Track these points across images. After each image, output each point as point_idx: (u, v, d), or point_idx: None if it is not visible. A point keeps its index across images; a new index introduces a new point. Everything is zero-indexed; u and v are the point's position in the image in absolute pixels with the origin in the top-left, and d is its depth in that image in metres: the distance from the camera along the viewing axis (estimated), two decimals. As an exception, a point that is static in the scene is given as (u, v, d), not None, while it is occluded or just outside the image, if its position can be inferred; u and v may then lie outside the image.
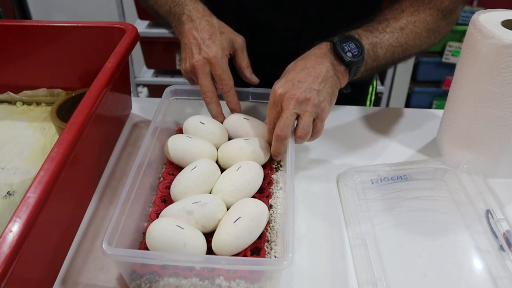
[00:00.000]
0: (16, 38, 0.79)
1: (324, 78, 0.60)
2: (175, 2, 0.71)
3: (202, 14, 0.68)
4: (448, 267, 0.56)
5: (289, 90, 0.59)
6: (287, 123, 0.59)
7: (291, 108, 0.58)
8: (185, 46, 0.67)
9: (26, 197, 0.46)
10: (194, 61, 0.65)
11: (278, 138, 0.60)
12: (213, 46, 0.65)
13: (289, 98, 0.59)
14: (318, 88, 0.59)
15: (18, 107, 0.83)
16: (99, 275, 0.55)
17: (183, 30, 0.68)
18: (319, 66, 0.60)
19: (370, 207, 0.64)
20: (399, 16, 0.67)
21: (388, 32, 0.65)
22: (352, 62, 0.61)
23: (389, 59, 0.66)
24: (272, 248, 0.54)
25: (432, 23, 0.68)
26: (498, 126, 0.64)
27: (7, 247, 0.42)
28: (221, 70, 0.65)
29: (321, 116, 0.61)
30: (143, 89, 2.42)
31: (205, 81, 0.65)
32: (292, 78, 0.60)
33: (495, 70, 0.61)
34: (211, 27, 0.67)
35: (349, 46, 0.61)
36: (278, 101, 0.60)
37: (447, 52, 1.98)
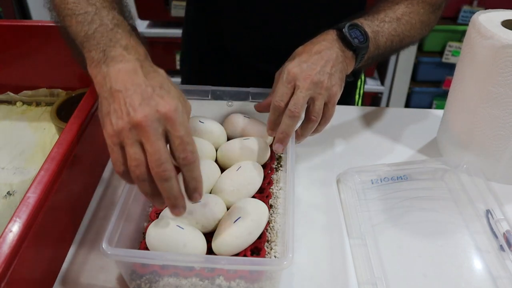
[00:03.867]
0: (16, 38, 0.79)
1: (335, 62, 0.60)
2: (103, 27, 0.51)
3: (144, 56, 0.50)
4: (448, 267, 0.56)
5: (304, 70, 0.58)
6: (301, 102, 0.57)
7: (306, 87, 0.58)
8: (116, 95, 0.46)
9: (26, 197, 0.46)
10: (140, 116, 0.44)
11: (292, 114, 0.58)
12: (169, 97, 0.46)
13: (305, 78, 0.58)
14: (330, 71, 0.59)
15: (18, 107, 0.83)
16: (99, 275, 0.55)
17: (112, 71, 0.47)
18: (329, 51, 0.60)
19: (370, 207, 0.64)
20: (395, 7, 0.69)
21: (387, 21, 0.66)
22: (360, 47, 0.62)
23: (388, 48, 0.67)
24: (272, 248, 0.54)
25: (424, 16, 0.70)
26: (497, 126, 0.64)
27: (7, 247, 0.42)
28: (184, 130, 0.45)
29: (333, 100, 0.60)
30: (143, 89, 2.42)
31: (160, 146, 0.44)
32: (306, 60, 0.59)
33: (494, 71, 0.61)
34: (159, 75, 0.49)
35: (355, 33, 0.62)
36: (292, 79, 0.58)
37: (447, 52, 1.98)
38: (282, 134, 0.59)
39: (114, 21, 0.52)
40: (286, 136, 0.59)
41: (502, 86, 0.61)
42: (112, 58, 0.48)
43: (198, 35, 0.91)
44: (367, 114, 0.84)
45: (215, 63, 0.91)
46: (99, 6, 0.53)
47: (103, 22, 0.51)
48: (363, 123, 0.82)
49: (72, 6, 0.53)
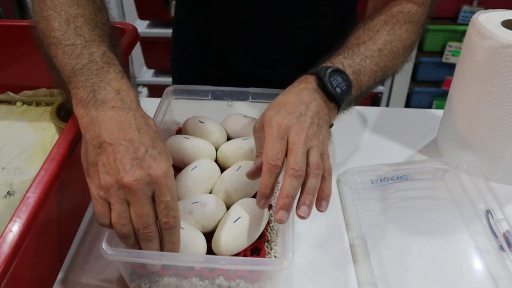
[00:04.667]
0: (16, 38, 0.79)
1: (321, 115, 0.54)
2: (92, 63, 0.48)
3: (136, 103, 0.47)
4: (448, 267, 0.56)
5: (295, 123, 0.51)
6: (302, 159, 0.49)
7: (302, 142, 0.50)
8: (106, 147, 0.44)
9: (26, 197, 0.46)
10: (132, 179, 0.43)
11: (296, 174, 0.48)
12: (161, 158, 0.45)
13: (299, 132, 0.51)
14: (319, 123, 0.53)
15: (18, 107, 0.83)
16: (99, 275, 0.55)
17: (102, 117, 0.45)
18: (315, 102, 0.54)
19: (370, 207, 0.64)
20: (376, 36, 0.63)
21: (369, 56, 0.61)
22: (342, 98, 0.56)
23: (371, 85, 0.62)
24: (272, 248, 0.54)
25: (407, 40, 0.65)
26: (497, 127, 0.64)
27: (7, 247, 0.42)
28: (171, 195, 0.45)
29: (327, 153, 0.53)
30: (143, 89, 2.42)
31: (148, 210, 0.44)
32: (293, 111, 0.52)
33: (494, 71, 0.61)
34: (150, 129, 0.46)
35: (336, 80, 0.56)
36: (284, 133, 0.50)
37: (447, 52, 1.98)
38: (288, 198, 0.48)
39: (104, 58, 0.49)
40: (292, 200, 0.48)
41: (502, 86, 0.61)
42: (102, 102, 0.46)
43: (188, 38, 0.91)
44: (367, 114, 0.84)
45: (204, 65, 0.91)
46: (88, 38, 0.50)
47: (92, 58, 0.48)
48: (363, 123, 0.82)
49: (59, 35, 0.50)
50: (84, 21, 0.52)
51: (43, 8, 0.53)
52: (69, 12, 0.52)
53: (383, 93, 2.10)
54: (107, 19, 0.58)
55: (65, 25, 0.51)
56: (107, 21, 0.57)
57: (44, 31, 0.52)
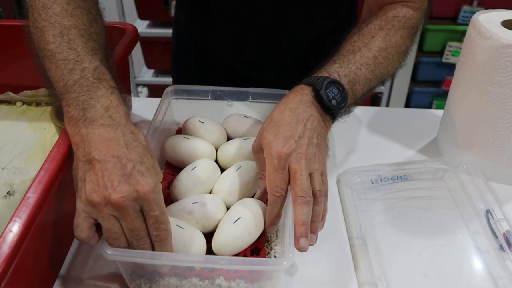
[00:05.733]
0: (16, 38, 0.79)
1: (319, 131, 0.54)
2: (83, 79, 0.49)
3: (125, 119, 0.48)
4: (448, 267, 0.56)
5: (294, 150, 0.51)
6: (307, 185, 0.50)
7: (304, 168, 0.50)
8: (94, 163, 0.44)
9: (26, 197, 0.46)
10: (119, 196, 0.43)
11: (305, 201, 0.49)
12: (148, 174, 0.45)
13: (299, 159, 0.51)
14: (317, 142, 0.53)
15: (18, 107, 0.83)
16: (99, 275, 0.55)
17: (91, 135, 0.46)
18: (311, 118, 0.54)
19: (370, 207, 0.64)
20: (371, 43, 0.62)
21: (364, 64, 0.60)
22: (338, 109, 0.57)
23: (366, 93, 0.62)
24: (272, 248, 0.54)
25: (402, 46, 0.65)
26: (497, 127, 0.64)
27: (7, 247, 0.42)
28: (160, 209, 0.45)
29: (325, 172, 0.54)
30: (143, 89, 2.42)
31: (139, 223, 0.45)
32: (291, 135, 0.52)
33: (494, 71, 0.61)
34: (139, 144, 0.47)
35: (332, 92, 0.56)
36: (284, 162, 0.51)
37: (447, 52, 1.98)
38: (304, 225, 0.49)
39: (96, 73, 0.49)
40: (308, 226, 0.50)
41: (502, 86, 0.61)
42: (92, 120, 0.46)
43: (188, 38, 0.91)
44: (367, 114, 0.84)
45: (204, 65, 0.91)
46: (81, 52, 0.50)
47: (84, 74, 0.49)
48: (363, 123, 0.82)
49: (53, 48, 0.51)
50: (78, 33, 0.52)
51: (37, 18, 0.53)
52: (62, 24, 0.52)
53: (383, 93, 2.10)
54: (102, 28, 0.58)
55: (58, 37, 0.51)
56: (101, 31, 0.57)
57: (38, 43, 0.53)
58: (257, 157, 0.56)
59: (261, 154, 0.54)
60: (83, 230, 0.45)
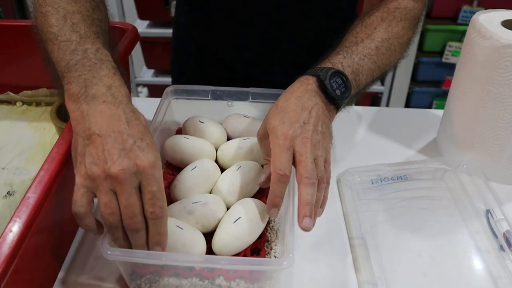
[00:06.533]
0: (16, 38, 0.79)
1: (323, 119, 0.55)
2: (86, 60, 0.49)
3: (127, 99, 0.48)
4: (448, 267, 0.56)
5: (300, 133, 0.52)
6: (312, 167, 0.50)
7: (309, 151, 0.51)
8: (95, 138, 0.44)
9: (26, 197, 0.46)
10: (118, 168, 0.43)
11: (310, 182, 0.50)
12: (149, 150, 0.45)
13: (304, 142, 0.51)
14: (322, 130, 0.54)
15: (18, 107, 0.83)
16: (99, 275, 0.55)
17: (93, 111, 0.46)
18: (316, 107, 0.55)
19: (370, 207, 0.64)
20: (373, 34, 0.63)
21: (367, 55, 0.61)
22: (342, 99, 0.57)
23: (369, 83, 0.63)
24: (272, 248, 0.54)
25: (404, 37, 0.66)
26: (497, 127, 0.64)
27: (7, 247, 0.42)
28: (158, 186, 0.45)
29: (329, 160, 0.54)
30: (143, 89, 2.42)
31: (134, 200, 0.44)
32: (296, 120, 0.53)
33: (494, 71, 0.61)
34: (140, 124, 0.47)
35: (336, 82, 0.57)
36: (290, 144, 0.51)
37: (447, 52, 1.98)
38: (308, 205, 0.50)
39: (98, 54, 0.49)
40: (312, 206, 0.50)
41: (502, 86, 0.61)
42: (94, 96, 0.46)
43: (188, 38, 0.91)
44: (367, 114, 0.84)
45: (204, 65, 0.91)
46: (84, 34, 0.51)
47: (86, 55, 0.49)
48: (363, 123, 0.82)
49: (55, 31, 0.51)
50: (81, 17, 0.53)
51: (42, 4, 0.54)
52: (66, 8, 0.53)
53: (383, 93, 2.09)
54: (105, 16, 0.59)
55: (62, 21, 0.52)
56: (104, 18, 0.58)
57: (42, 27, 0.53)
58: (262, 144, 0.56)
59: (266, 140, 0.54)
60: (82, 205, 0.44)
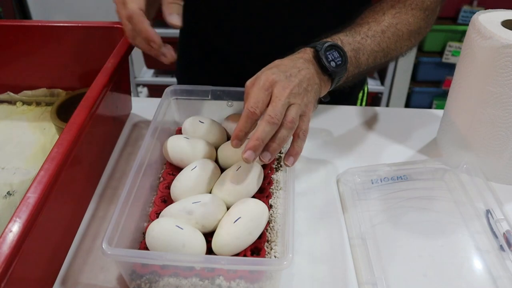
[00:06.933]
0: (16, 38, 0.79)
1: (311, 82, 0.57)
2: None
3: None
4: (448, 267, 0.56)
5: (283, 80, 0.54)
6: (281, 110, 0.52)
7: (285, 96, 0.53)
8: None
9: (26, 197, 0.46)
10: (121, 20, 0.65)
11: (272, 121, 0.52)
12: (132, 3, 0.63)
13: (284, 87, 0.54)
14: (307, 88, 0.56)
15: (18, 107, 0.83)
16: (99, 275, 0.55)
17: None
18: (307, 70, 0.57)
19: (370, 207, 0.64)
20: (381, 18, 0.65)
21: (370, 36, 0.63)
22: (336, 72, 0.59)
23: (371, 65, 0.64)
24: (272, 248, 0.54)
25: (414, 25, 0.67)
26: (497, 127, 0.64)
27: (7, 247, 0.41)
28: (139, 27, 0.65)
29: (308, 116, 0.56)
30: (143, 89, 2.42)
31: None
32: (285, 71, 0.56)
33: (494, 71, 0.61)
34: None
35: (332, 55, 0.59)
36: (270, 86, 0.54)
37: (447, 52, 1.98)
38: (258, 141, 0.51)
39: None
40: (261, 144, 0.52)
41: (502, 86, 0.61)
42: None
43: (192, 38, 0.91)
44: (367, 114, 0.84)
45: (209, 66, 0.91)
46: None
47: None
48: (363, 123, 0.82)
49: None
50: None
51: None
52: None
53: (383, 93, 2.10)
54: None
55: None
56: None
57: None
58: (247, 92, 0.56)
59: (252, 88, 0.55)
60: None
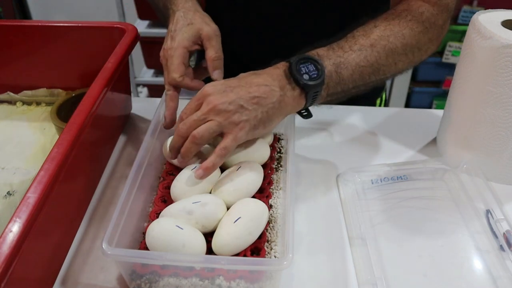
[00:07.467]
0: (16, 38, 0.79)
1: (260, 101, 0.55)
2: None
3: (182, 5, 0.66)
4: (448, 267, 0.56)
5: (215, 94, 0.55)
6: (190, 124, 0.55)
7: (205, 112, 0.55)
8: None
9: (26, 197, 0.46)
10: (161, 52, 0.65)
11: (178, 134, 0.57)
12: (176, 37, 0.63)
13: (209, 102, 0.55)
14: (247, 106, 0.54)
15: (18, 107, 0.83)
16: (99, 275, 0.55)
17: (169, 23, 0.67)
18: (264, 88, 0.55)
19: (370, 207, 0.64)
20: (371, 31, 0.61)
21: (356, 50, 0.59)
22: (309, 85, 0.56)
23: (358, 81, 0.60)
24: (272, 248, 0.54)
25: (410, 37, 0.62)
26: (497, 127, 0.64)
27: (7, 247, 0.41)
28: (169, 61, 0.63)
29: (233, 134, 0.55)
30: (143, 89, 2.42)
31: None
32: (230, 85, 0.56)
33: (494, 71, 0.61)
34: (183, 19, 0.64)
35: (307, 67, 0.56)
36: (202, 97, 0.56)
37: (447, 52, 1.98)
38: (170, 148, 0.60)
39: None
40: (173, 150, 0.59)
41: (502, 86, 0.61)
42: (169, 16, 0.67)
43: None
44: (367, 114, 0.84)
45: None
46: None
47: None
48: (363, 123, 0.82)
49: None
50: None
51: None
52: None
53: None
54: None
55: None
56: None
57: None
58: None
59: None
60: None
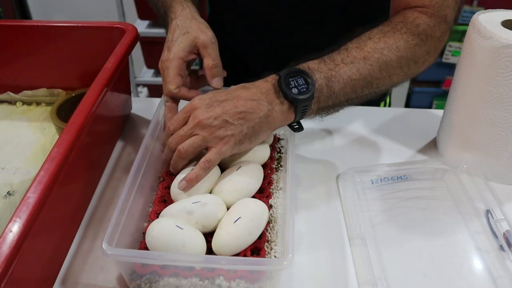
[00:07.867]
0: (16, 38, 0.79)
1: (247, 116, 0.55)
2: (165, 5, 0.69)
3: (180, 13, 0.66)
4: (448, 267, 0.56)
5: (201, 108, 0.55)
6: (178, 139, 0.57)
7: (191, 126, 0.56)
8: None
9: (26, 197, 0.46)
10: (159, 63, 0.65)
11: (169, 147, 0.58)
12: (172, 48, 0.63)
13: (195, 117, 0.55)
14: (232, 121, 0.55)
15: (18, 107, 0.83)
16: (99, 275, 0.55)
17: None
18: (251, 102, 0.55)
19: (370, 207, 0.64)
20: (364, 43, 0.60)
21: (348, 63, 0.58)
22: (298, 99, 0.55)
23: (351, 94, 0.59)
24: (272, 248, 0.54)
25: (405, 50, 0.60)
26: (497, 127, 0.64)
27: (7, 247, 0.42)
28: (166, 73, 0.63)
29: (218, 148, 0.55)
30: (143, 89, 2.42)
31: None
32: (217, 99, 0.56)
33: (494, 71, 0.61)
34: (179, 28, 0.64)
35: (296, 81, 0.56)
36: (190, 110, 0.57)
37: (447, 52, 1.98)
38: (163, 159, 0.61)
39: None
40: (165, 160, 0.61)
41: (502, 86, 0.61)
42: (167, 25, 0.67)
43: None
44: (367, 114, 0.84)
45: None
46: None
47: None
48: (363, 123, 0.82)
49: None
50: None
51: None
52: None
53: (383, 93, 2.10)
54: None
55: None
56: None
57: None
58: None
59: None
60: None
